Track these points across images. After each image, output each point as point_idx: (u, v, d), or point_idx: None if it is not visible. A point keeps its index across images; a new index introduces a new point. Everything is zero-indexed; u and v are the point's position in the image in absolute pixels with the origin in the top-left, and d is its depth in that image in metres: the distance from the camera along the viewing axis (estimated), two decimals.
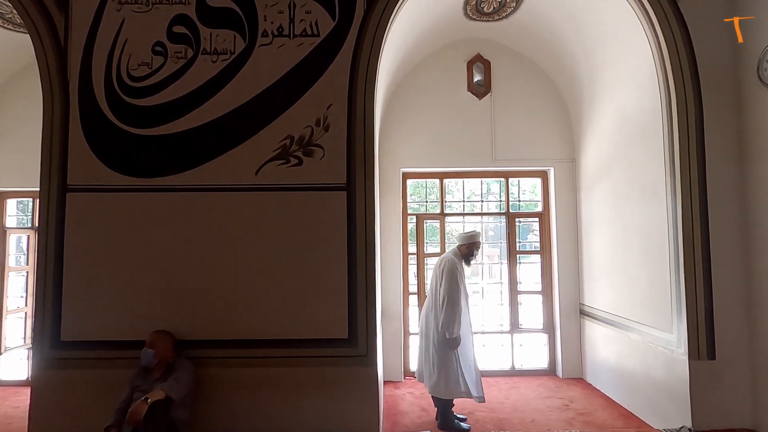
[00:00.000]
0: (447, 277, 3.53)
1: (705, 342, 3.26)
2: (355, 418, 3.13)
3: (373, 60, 3.32)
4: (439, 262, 3.74)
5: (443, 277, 3.56)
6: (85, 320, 3.13)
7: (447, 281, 3.53)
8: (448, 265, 3.59)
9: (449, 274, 3.54)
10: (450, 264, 3.60)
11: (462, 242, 3.75)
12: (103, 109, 3.21)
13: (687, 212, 3.32)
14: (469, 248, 3.73)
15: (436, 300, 3.61)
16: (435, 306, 3.62)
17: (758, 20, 3.21)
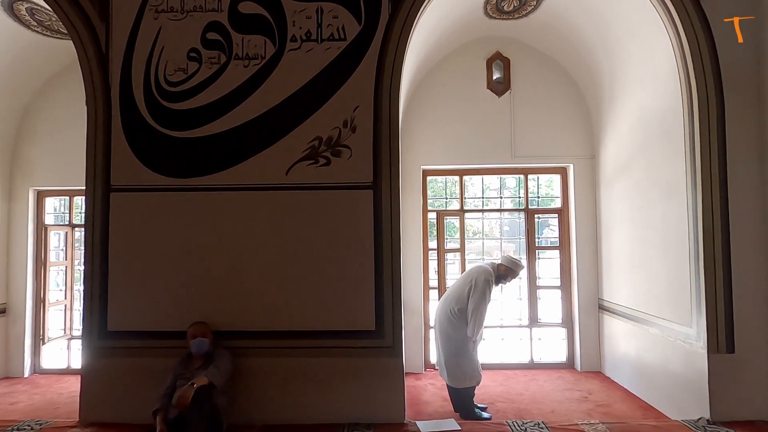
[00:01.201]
0: (481, 289, 3.60)
1: (724, 336, 3.31)
2: (381, 405, 3.29)
3: (397, 63, 3.43)
4: (476, 269, 3.79)
5: (476, 287, 3.61)
6: (129, 312, 3.35)
7: (480, 292, 3.60)
8: (485, 277, 3.66)
9: (485, 286, 3.62)
10: (486, 276, 3.67)
11: (506, 264, 3.81)
12: (143, 113, 3.39)
13: (707, 209, 3.37)
14: (508, 273, 3.81)
15: (458, 298, 3.70)
16: (456, 301, 3.71)
17: None
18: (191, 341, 3.06)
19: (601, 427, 3.25)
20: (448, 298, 3.83)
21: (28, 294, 4.92)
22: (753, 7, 3.41)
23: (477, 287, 3.63)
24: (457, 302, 3.71)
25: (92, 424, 3.27)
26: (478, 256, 5.63)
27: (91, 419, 3.29)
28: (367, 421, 3.28)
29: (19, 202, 4.95)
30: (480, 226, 5.70)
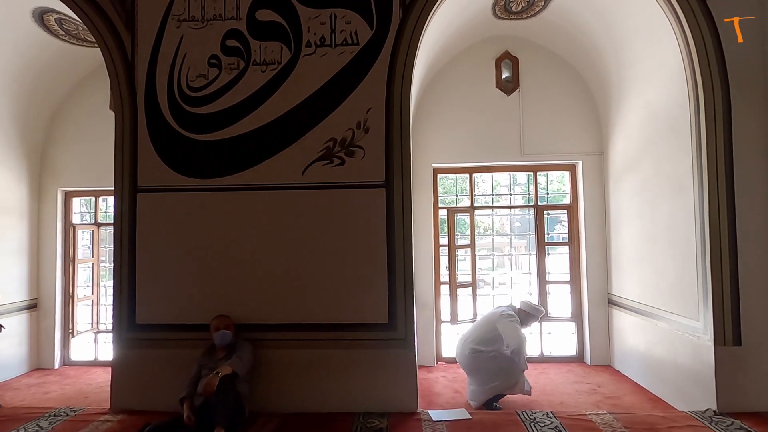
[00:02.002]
0: (516, 333, 3.78)
1: (731, 329, 3.38)
2: (395, 395, 3.43)
3: (408, 66, 3.56)
4: (500, 316, 3.91)
5: (511, 332, 3.77)
6: (156, 306, 3.55)
7: (517, 336, 3.77)
8: (511, 321, 3.84)
9: (517, 331, 3.80)
10: (515, 322, 3.86)
11: (527, 310, 3.98)
12: (167, 117, 3.58)
13: (714, 205, 3.43)
14: (527, 318, 3.98)
15: (482, 340, 3.82)
16: (480, 342, 3.82)
17: None
18: (215, 333, 3.24)
19: (608, 417, 3.35)
20: (468, 339, 3.93)
21: (58, 290, 5.18)
22: (758, 5, 3.45)
23: (513, 332, 3.76)
24: (480, 344, 3.81)
25: (122, 411, 3.47)
26: (488, 252, 5.73)
27: (122, 407, 3.50)
28: (381, 410, 3.43)
29: (48, 202, 5.21)
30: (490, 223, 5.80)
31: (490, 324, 3.91)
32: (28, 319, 5.04)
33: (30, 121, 4.99)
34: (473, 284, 5.21)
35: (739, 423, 3.14)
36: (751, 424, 3.12)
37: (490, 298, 5.58)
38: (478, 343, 3.85)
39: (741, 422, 3.15)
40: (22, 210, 4.99)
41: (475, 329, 4.01)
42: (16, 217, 4.92)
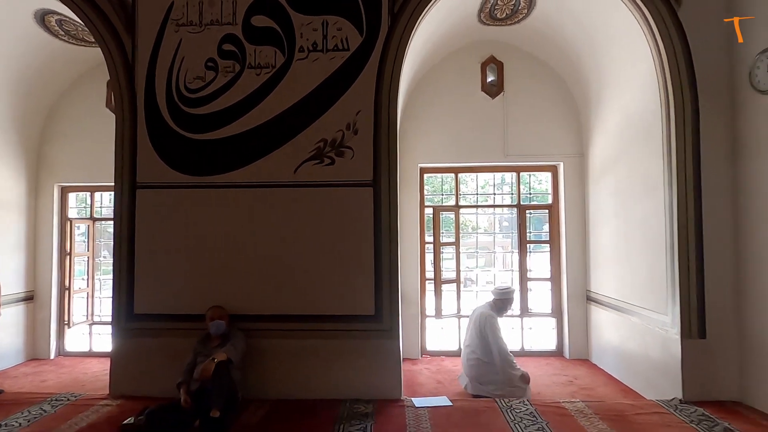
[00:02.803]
0: (493, 334, 3.95)
1: (696, 323, 3.61)
2: (380, 383, 3.63)
3: (396, 71, 3.74)
4: (478, 316, 4.09)
5: (490, 334, 3.96)
6: (153, 297, 3.71)
7: (494, 337, 3.95)
8: (490, 322, 4.00)
9: (494, 331, 3.97)
10: (491, 320, 4.01)
11: (497, 297, 4.15)
12: (165, 117, 3.74)
13: (682, 206, 3.65)
14: (504, 303, 4.14)
15: (477, 346, 4.02)
16: (476, 349, 4.01)
17: (751, 30, 3.49)
18: (210, 323, 3.41)
19: (580, 405, 3.57)
20: (467, 344, 4.14)
21: (53, 282, 5.31)
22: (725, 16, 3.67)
23: (491, 334, 3.96)
24: (477, 350, 4.02)
25: (121, 396, 3.64)
26: (473, 250, 5.94)
27: (120, 392, 3.67)
28: (367, 397, 3.62)
29: (45, 197, 5.33)
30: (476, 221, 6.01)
31: (477, 328, 4.10)
32: (24, 310, 5.16)
33: (28, 119, 5.11)
34: (457, 281, 5.42)
35: (702, 410, 3.37)
36: (713, 412, 3.35)
37: (473, 295, 5.78)
38: (474, 349, 4.06)
39: (704, 410, 3.38)
40: (20, 205, 5.12)
41: (469, 336, 4.20)
42: (14, 212, 5.04)
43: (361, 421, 3.24)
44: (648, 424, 3.17)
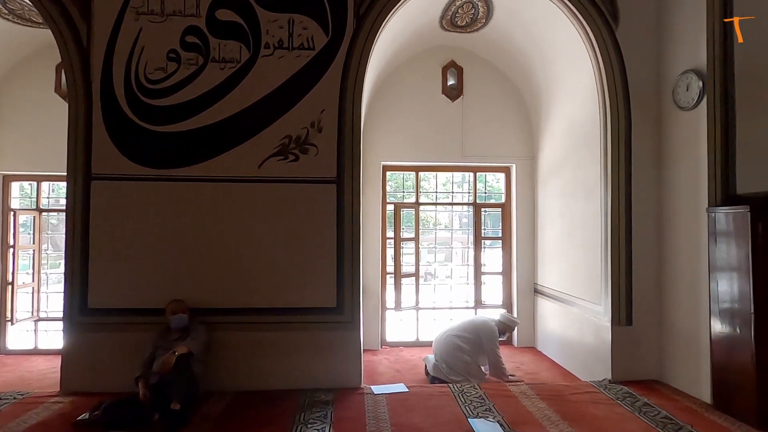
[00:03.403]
0: (494, 345, 4.35)
1: (624, 311, 4.02)
2: (341, 372, 3.78)
3: (360, 71, 3.87)
4: (482, 322, 4.50)
5: (488, 344, 4.33)
6: (109, 291, 3.65)
7: (494, 348, 4.33)
8: (493, 335, 4.39)
9: (495, 344, 4.35)
10: (494, 334, 4.40)
11: (505, 322, 4.58)
12: (123, 108, 3.66)
13: (615, 208, 4.05)
14: (506, 329, 4.59)
15: (466, 341, 4.35)
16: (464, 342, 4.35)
17: (674, 53, 3.92)
18: (171, 317, 3.41)
19: (524, 387, 3.90)
20: (451, 332, 4.44)
21: None
22: (657, 38, 4.08)
23: (489, 343, 4.34)
24: (467, 345, 4.33)
25: (73, 393, 3.56)
26: (432, 245, 6.20)
27: (72, 389, 3.58)
28: (328, 386, 3.76)
29: None
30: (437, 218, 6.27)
31: (475, 330, 4.43)
32: None
33: None
34: (416, 275, 5.66)
35: (627, 389, 3.79)
36: (636, 390, 3.77)
37: (432, 288, 6.04)
38: (463, 341, 4.35)
39: (628, 388, 3.80)
40: None
41: (461, 329, 4.49)
42: None
43: (321, 408, 3.38)
44: (580, 402, 3.54)
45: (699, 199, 3.64)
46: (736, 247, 3.30)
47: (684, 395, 3.68)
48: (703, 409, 3.41)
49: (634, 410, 3.38)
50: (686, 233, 3.79)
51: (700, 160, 3.64)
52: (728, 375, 3.34)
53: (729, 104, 3.57)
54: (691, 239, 3.72)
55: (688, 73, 3.72)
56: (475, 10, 4.77)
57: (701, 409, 3.40)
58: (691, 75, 3.68)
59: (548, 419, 3.24)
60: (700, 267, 3.62)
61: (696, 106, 3.67)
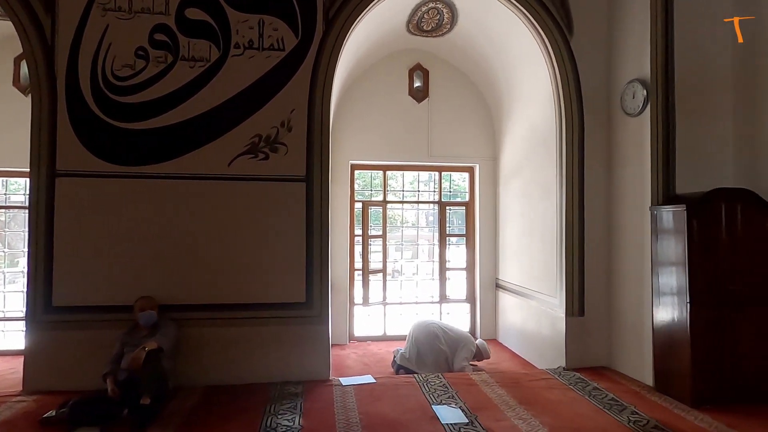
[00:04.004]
0: (467, 354, 4.63)
1: (577, 303, 4.31)
2: (310, 365, 3.89)
3: (329, 73, 3.98)
4: (466, 336, 4.82)
5: (464, 352, 4.63)
6: (75, 288, 3.60)
7: (466, 356, 4.61)
8: (468, 350, 4.67)
9: (465, 358, 4.61)
10: (469, 349, 4.67)
11: (481, 348, 4.75)
12: (90, 104, 3.63)
13: (569, 207, 4.33)
14: (479, 354, 4.75)
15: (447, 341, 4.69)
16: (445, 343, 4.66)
17: (623, 62, 4.23)
18: (140, 314, 3.42)
19: (485, 376, 4.12)
20: (438, 337, 4.67)
21: None
22: (608, 49, 4.39)
23: (464, 352, 4.64)
24: (448, 345, 4.65)
25: (37, 392, 3.50)
26: (399, 242, 6.37)
27: (36, 388, 3.53)
28: (297, 379, 3.86)
29: None
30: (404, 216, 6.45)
31: (458, 335, 4.76)
32: None
33: None
34: (384, 271, 5.81)
35: (579, 375, 4.07)
36: (587, 375, 4.06)
37: (399, 284, 6.21)
38: (442, 330, 4.68)
39: (581, 375, 4.08)
40: None
41: (446, 325, 4.86)
42: None
43: (291, 400, 3.48)
44: (536, 388, 3.79)
45: (643, 198, 3.96)
46: (675, 242, 3.61)
47: (630, 379, 4.00)
48: (646, 391, 3.73)
49: (585, 394, 3.65)
50: (632, 230, 4.10)
51: (644, 163, 3.95)
52: (668, 360, 3.66)
53: (670, 112, 3.90)
54: (637, 235, 4.04)
55: (634, 82, 4.03)
56: (440, 15, 4.96)
57: (644, 392, 3.71)
58: (637, 84, 3.99)
59: (506, 404, 3.46)
60: (644, 261, 3.93)
61: (641, 113, 3.98)
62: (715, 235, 3.53)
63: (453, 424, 3.08)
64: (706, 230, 3.51)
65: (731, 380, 3.46)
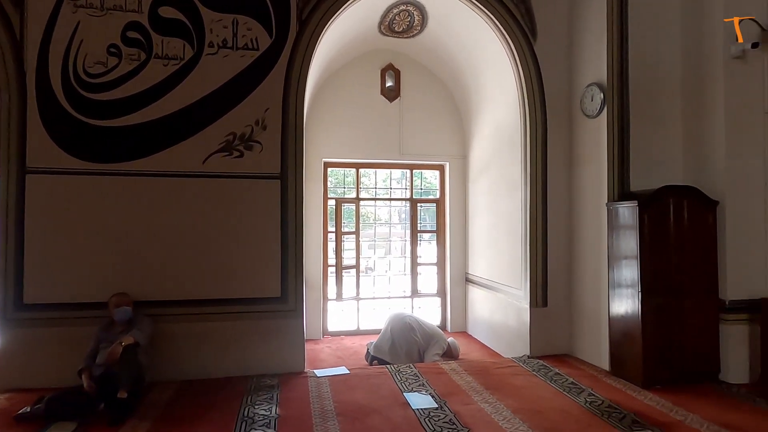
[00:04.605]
0: (437, 350, 4.81)
1: (541, 295, 4.56)
2: (285, 358, 3.99)
3: (303, 73, 4.07)
4: (441, 333, 5.02)
5: (436, 348, 4.82)
6: (46, 285, 3.59)
7: (437, 351, 4.80)
8: (443, 345, 4.87)
9: (440, 351, 4.82)
10: (443, 345, 4.87)
11: (452, 346, 4.92)
12: (61, 101, 3.60)
13: (533, 203, 4.58)
14: (449, 352, 4.89)
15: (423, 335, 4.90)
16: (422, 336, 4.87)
17: (582, 67, 4.49)
18: (115, 310, 3.43)
19: (454, 365, 4.32)
20: (414, 330, 4.86)
21: None
22: (568, 55, 4.65)
23: (436, 346, 4.83)
24: (422, 337, 4.86)
25: (9, 390, 3.47)
26: (371, 239, 6.52)
27: (6, 387, 3.49)
28: (273, 372, 3.96)
29: None
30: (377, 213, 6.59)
31: (433, 330, 4.97)
32: None
33: None
34: (357, 267, 5.95)
35: (542, 362, 4.32)
36: (549, 362, 4.32)
37: (372, 280, 6.36)
38: (417, 324, 4.88)
39: (544, 362, 4.33)
40: None
41: (422, 320, 5.07)
42: None
43: (267, 391, 3.57)
44: (503, 375, 4.01)
45: (601, 195, 4.23)
46: (628, 236, 3.89)
47: (588, 365, 4.27)
48: (602, 375, 4.00)
49: (547, 379, 3.90)
50: (591, 225, 4.38)
51: (601, 162, 4.22)
52: (622, 347, 3.94)
53: (625, 114, 4.18)
54: (595, 230, 4.31)
55: (592, 86, 4.29)
56: (411, 18, 5.11)
57: (600, 375, 3.99)
58: (595, 87, 4.25)
59: (474, 390, 3.66)
60: (601, 254, 4.20)
61: (599, 115, 4.25)
62: (664, 229, 3.83)
63: (423, 409, 3.26)
64: (655, 225, 3.80)
65: (677, 363, 3.77)
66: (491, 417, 3.15)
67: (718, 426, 2.99)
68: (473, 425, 3.02)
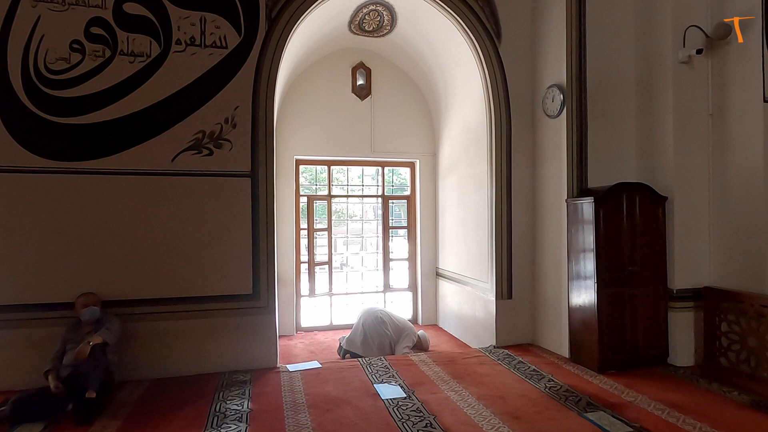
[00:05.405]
0: (407, 342, 4.96)
1: (506, 287, 4.77)
2: (258, 354, 4.03)
3: (273, 71, 4.10)
4: (410, 328, 5.12)
5: (406, 341, 4.96)
6: (9, 286, 3.50)
7: (407, 344, 4.94)
8: (413, 338, 5.02)
9: (410, 344, 4.96)
10: (414, 338, 5.02)
11: (422, 339, 5.07)
12: (21, 98, 3.52)
13: (498, 200, 4.76)
14: (419, 344, 5.05)
15: (394, 329, 5.04)
16: (393, 330, 5.03)
17: (543, 69, 4.69)
18: (83, 310, 3.40)
19: (423, 356, 4.47)
20: (385, 323, 5.01)
21: None
22: (532, 57, 4.84)
23: (406, 339, 4.98)
24: (393, 331, 5.01)
25: None
26: (344, 235, 6.59)
27: None
28: (246, 367, 4.00)
29: None
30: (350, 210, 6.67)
31: (404, 324, 5.11)
32: None
33: None
34: (329, 263, 6.02)
35: (507, 351, 4.52)
36: (514, 352, 4.52)
37: (344, 276, 6.45)
38: (389, 317, 5.01)
39: (509, 351, 4.54)
40: None
41: (393, 314, 5.20)
42: None
43: (240, 386, 3.62)
44: (470, 364, 4.18)
45: (561, 191, 4.44)
46: (585, 230, 4.12)
47: (550, 353, 4.50)
48: (562, 362, 4.23)
49: (510, 367, 4.09)
50: (552, 220, 4.59)
51: (562, 160, 4.43)
52: (580, 335, 4.18)
53: (583, 115, 4.40)
54: (556, 225, 4.53)
55: (553, 87, 4.49)
56: (381, 17, 5.20)
57: (560, 362, 4.22)
58: (555, 89, 4.45)
59: (441, 379, 3.82)
60: (562, 248, 4.42)
61: (559, 115, 4.46)
62: (618, 223, 4.07)
63: (392, 399, 3.38)
64: (610, 219, 4.04)
65: (630, 349, 4.03)
66: (456, 404, 3.31)
67: (663, 405, 3.24)
68: (439, 412, 3.16)
